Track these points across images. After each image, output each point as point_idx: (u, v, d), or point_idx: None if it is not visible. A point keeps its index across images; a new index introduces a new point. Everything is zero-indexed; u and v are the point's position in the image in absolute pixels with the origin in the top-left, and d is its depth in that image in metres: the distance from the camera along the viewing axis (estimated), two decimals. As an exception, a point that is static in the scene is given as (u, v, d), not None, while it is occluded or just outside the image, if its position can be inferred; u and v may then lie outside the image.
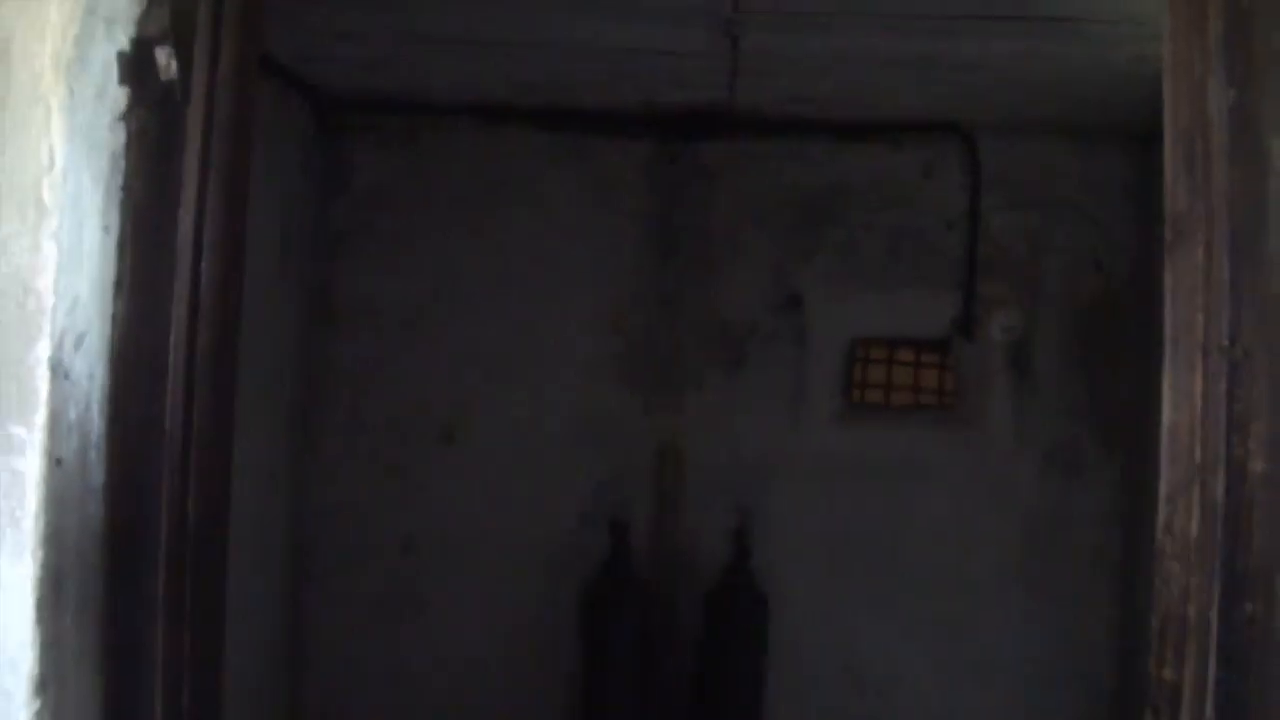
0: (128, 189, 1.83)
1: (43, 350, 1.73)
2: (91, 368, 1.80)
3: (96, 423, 1.80)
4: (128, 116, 1.81)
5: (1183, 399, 1.79)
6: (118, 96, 1.82)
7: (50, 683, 1.71)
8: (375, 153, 4.46)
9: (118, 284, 1.83)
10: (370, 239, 4.45)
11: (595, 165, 4.55)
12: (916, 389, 4.52)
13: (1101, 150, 4.42)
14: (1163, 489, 1.83)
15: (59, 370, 1.74)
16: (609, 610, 4.37)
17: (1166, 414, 1.83)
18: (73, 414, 1.77)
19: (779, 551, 4.44)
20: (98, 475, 1.80)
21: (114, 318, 1.82)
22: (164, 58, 1.77)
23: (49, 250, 1.73)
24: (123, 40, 1.81)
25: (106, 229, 1.81)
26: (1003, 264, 4.49)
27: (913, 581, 4.47)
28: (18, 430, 1.71)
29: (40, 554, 1.70)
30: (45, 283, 1.74)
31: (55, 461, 1.73)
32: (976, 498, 4.47)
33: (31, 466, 1.71)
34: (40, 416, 1.72)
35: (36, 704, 1.69)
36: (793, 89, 4.18)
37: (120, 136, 1.82)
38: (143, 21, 1.81)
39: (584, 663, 4.37)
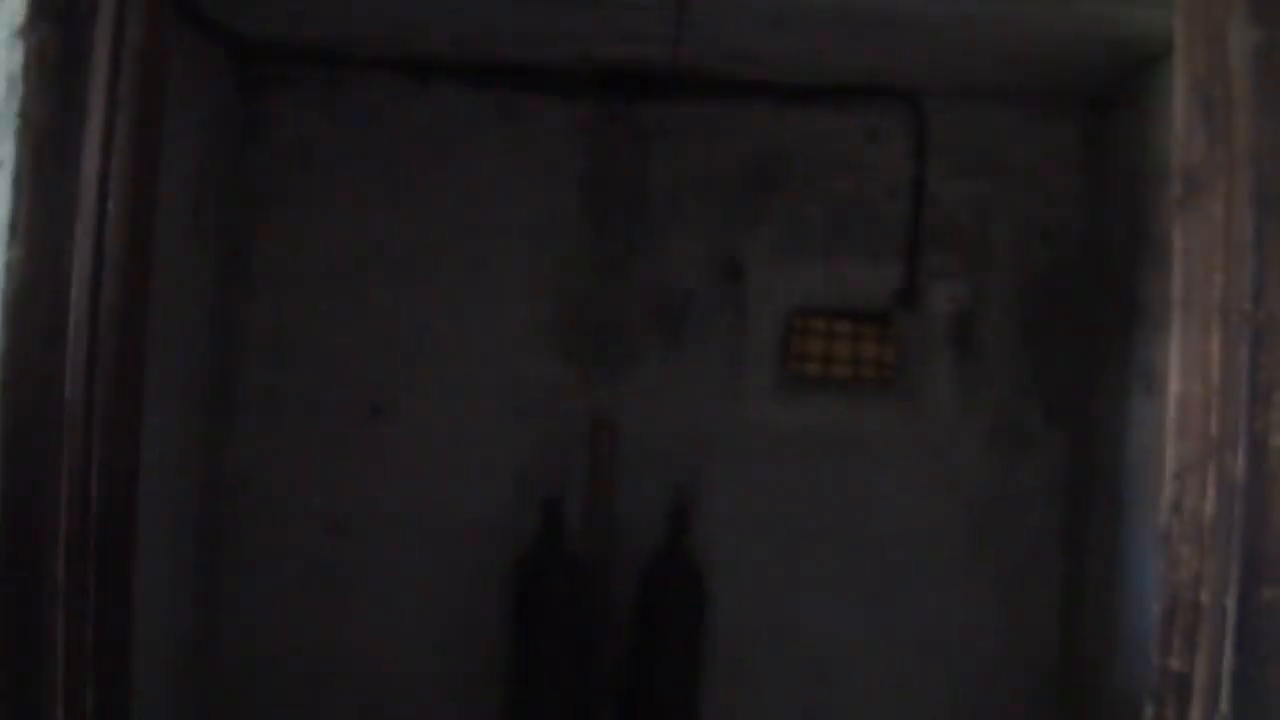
0: (25, 116, 1.59)
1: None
2: (-20, 322, 1.56)
3: (-14, 387, 1.56)
4: (26, 31, 1.57)
5: (1195, 367, 1.66)
6: (15, 9, 1.57)
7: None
8: (297, 107, 4.19)
9: (12, 227, 1.59)
10: (291, 199, 4.19)
11: (530, 125, 4.33)
12: (856, 361, 4.40)
13: (1052, 118, 4.32)
14: (1170, 465, 1.70)
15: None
16: (542, 588, 4.20)
17: (1175, 383, 1.70)
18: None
19: (716, 527, 4.30)
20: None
21: (7, 266, 1.58)
22: (67, -38, 1.54)
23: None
24: (19, -57, 1.57)
25: (0, 163, 1.57)
26: (948, 234, 4.38)
27: (853, 559, 4.35)
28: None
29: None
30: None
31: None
32: (918, 473, 4.37)
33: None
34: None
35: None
36: (738, 47, 4.01)
37: (18, 55, 1.58)
38: (43, -77, 1.57)
39: (517, 641, 4.20)
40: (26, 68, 1.56)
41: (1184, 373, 1.68)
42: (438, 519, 4.24)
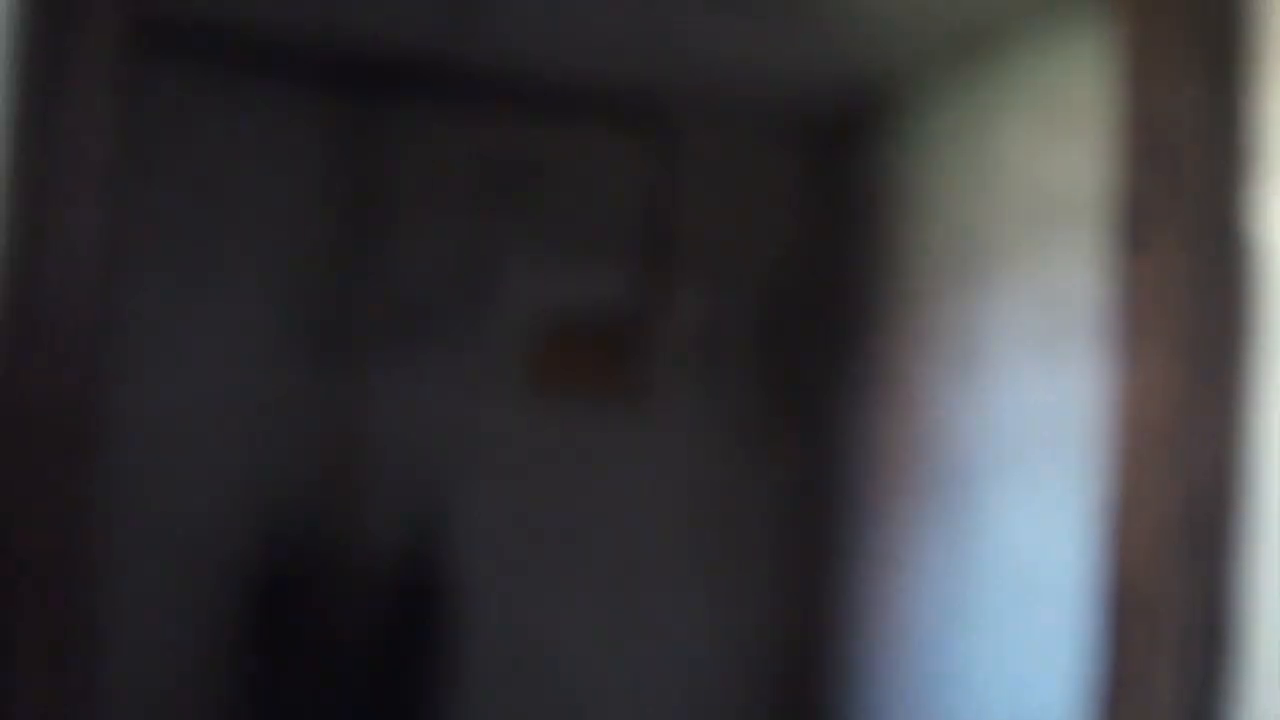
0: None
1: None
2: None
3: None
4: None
5: (1147, 393, 1.84)
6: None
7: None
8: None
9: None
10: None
11: (269, 109, 3.99)
12: (603, 371, 4.46)
13: (795, 143, 4.57)
14: (1118, 482, 1.87)
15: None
16: (278, 615, 3.89)
17: (1125, 408, 1.87)
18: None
19: (463, 542, 4.17)
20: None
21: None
22: None
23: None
24: None
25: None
26: (695, 246, 4.51)
27: (598, 566, 4.38)
28: None
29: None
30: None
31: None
32: (662, 480, 4.46)
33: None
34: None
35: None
36: (511, 44, 3.93)
37: None
38: None
39: (252, 674, 3.85)
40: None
41: (1135, 398, 1.85)
42: (158, 540, 3.79)
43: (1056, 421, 3.28)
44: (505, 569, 4.26)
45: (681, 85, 4.22)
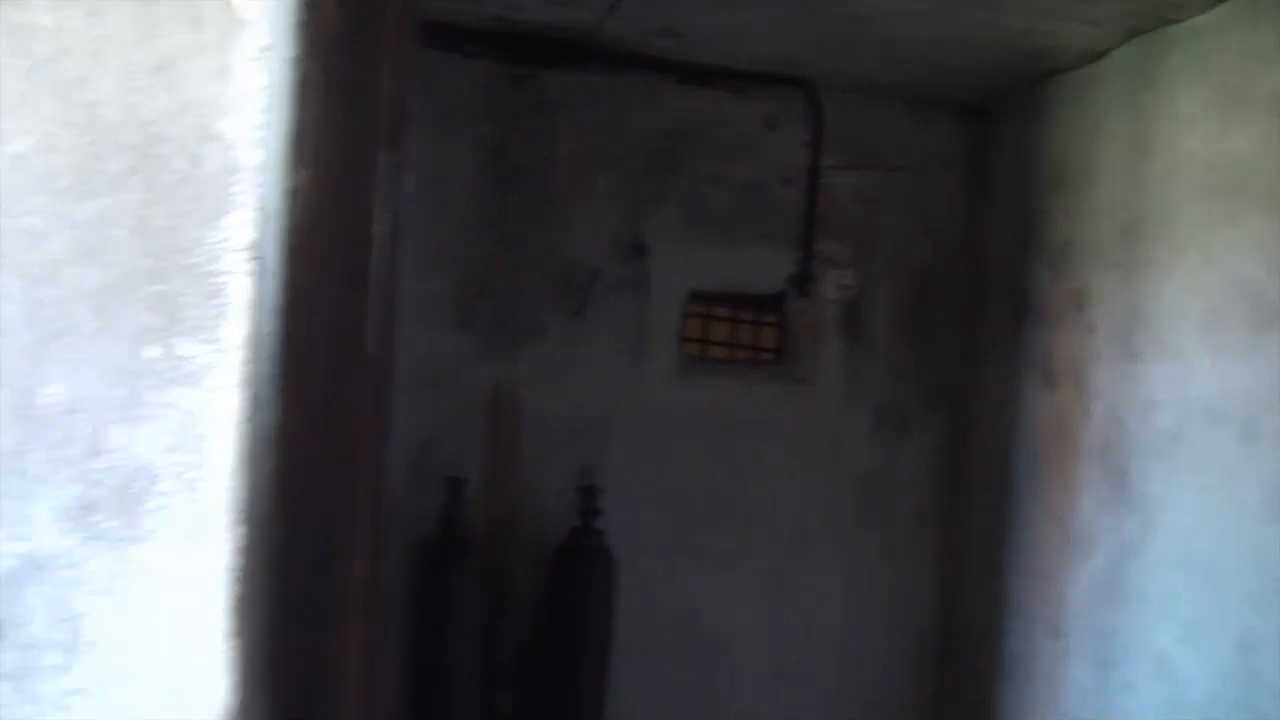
0: (313, 7, 1.26)
1: (236, 229, 1.15)
2: (271, 261, 1.23)
3: (270, 340, 1.23)
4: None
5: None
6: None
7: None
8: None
9: (297, 143, 1.26)
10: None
11: (429, 82, 4.02)
12: (750, 345, 4.47)
13: (935, 120, 4.51)
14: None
15: (261, 261, 1.16)
16: (446, 571, 3.95)
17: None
18: (266, 327, 1.20)
19: (616, 506, 4.18)
20: (271, 417, 1.24)
21: (293, 192, 1.25)
22: None
23: (249, 78, 1.15)
24: None
25: (294, 60, 1.24)
26: (840, 223, 4.46)
27: (749, 537, 4.39)
28: (193, 349, 1.13)
29: (238, 535, 1.13)
30: (239, 127, 1.15)
31: (253, 397, 1.16)
32: (809, 454, 4.44)
33: (217, 404, 1.14)
34: (232, 330, 1.14)
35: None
36: (668, 21, 3.90)
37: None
38: None
39: (420, 627, 3.93)
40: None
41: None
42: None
43: (1223, 406, 3.17)
44: (660, 536, 4.27)
45: (836, 59, 4.15)
